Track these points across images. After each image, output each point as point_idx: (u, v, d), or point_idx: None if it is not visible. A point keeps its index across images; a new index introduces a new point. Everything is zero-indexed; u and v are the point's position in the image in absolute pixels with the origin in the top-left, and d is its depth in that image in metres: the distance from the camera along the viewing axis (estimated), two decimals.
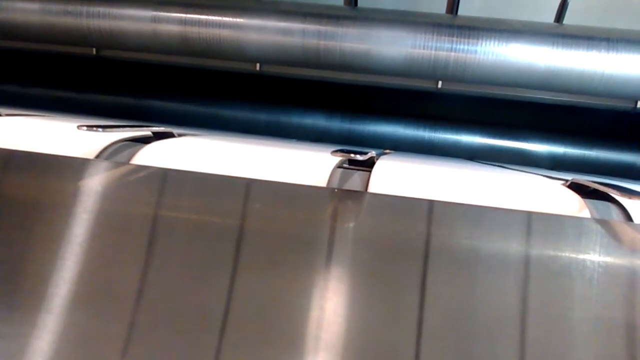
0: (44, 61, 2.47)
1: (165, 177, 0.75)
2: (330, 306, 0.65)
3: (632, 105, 1.71)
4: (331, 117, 2.44)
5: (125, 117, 2.20)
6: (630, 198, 0.69)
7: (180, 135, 0.99)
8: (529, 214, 0.70)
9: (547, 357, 0.63)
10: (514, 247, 0.68)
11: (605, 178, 1.49)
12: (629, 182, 1.42)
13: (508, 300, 0.65)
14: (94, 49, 2.13)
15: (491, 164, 1.62)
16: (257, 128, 2.43)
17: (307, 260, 0.67)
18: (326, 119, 2.44)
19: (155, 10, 1.61)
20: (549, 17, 1.69)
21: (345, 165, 0.83)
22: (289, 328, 0.65)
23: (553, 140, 2.30)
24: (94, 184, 0.73)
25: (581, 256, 0.67)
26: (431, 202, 0.70)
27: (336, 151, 0.77)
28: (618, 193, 0.71)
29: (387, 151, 2.00)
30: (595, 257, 0.66)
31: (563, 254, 0.67)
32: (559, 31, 1.51)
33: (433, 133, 2.38)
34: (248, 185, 0.73)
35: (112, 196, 0.73)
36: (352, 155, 0.74)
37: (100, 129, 0.78)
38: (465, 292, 0.66)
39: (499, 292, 0.66)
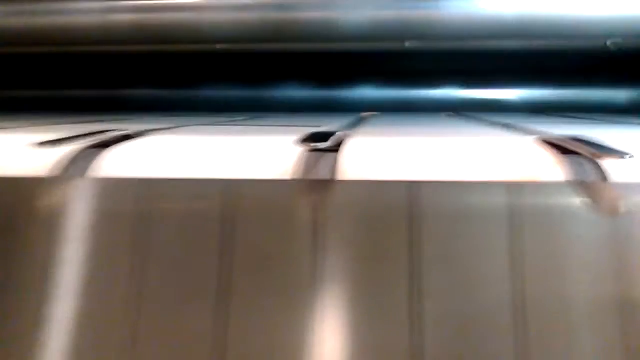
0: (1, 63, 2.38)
1: (129, 186, 0.72)
2: (319, 313, 0.63)
3: (603, 44, 1.69)
4: (303, 86, 2.40)
5: (96, 111, 2.14)
6: (604, 157, 0.67)
7: (139, 134, 0.96)
8: (510, 185, 0.68)
9: (543, 331, 0.63)
10: (496, 221, 0.66)
11: (584, 120, 1.48)
12: (608, 120, 1.41)
13: (501, 286, 0.64)
14: (52, 47, 2.05)
15: (468, 117, 1.60)
16: (230, 106, 2.40)
17: (277, 260, 0.65)
18: (299, 89, 2.40)
19: (105, 0, 1.54)
20: None
21: (314, 148, 0.80)
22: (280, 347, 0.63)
23: (529, 85, 2.29)
24: (51, 203, 0.70)
25: (557, 222, 0.65)
26: (410, 184, 0.68)
27: (300, 141, 0.74)
28: (593, 150, 0.69)
29: (366, 114, 1.97)
30: (572, 221, 0.65)
31: (541, 222, 0.66)
32: None
33: (408, 91, 2.36)
34: (203, 186, 0.70)
35: (70, 214, 0.70)
36: (314, 144, 0.71)
37: (51, 145, 0.74)
38: (458, 282, 0.65)
39: (493, 280, 0.64)
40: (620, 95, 2.16)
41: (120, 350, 0.63)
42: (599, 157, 0.68)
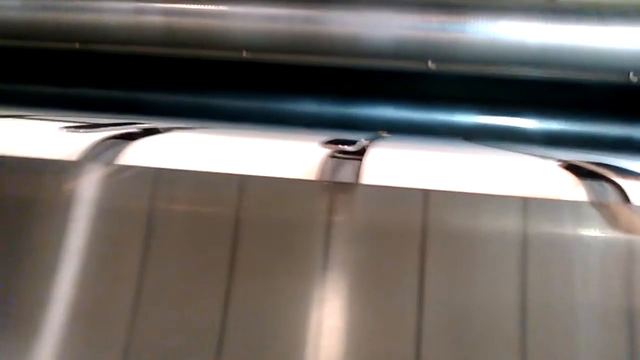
0: (28, 57, 2.42)
1: (152, 176, 0.73)
2: (326, 305, 0.64)
3: (626, 78, 1.69)
4: (323, 101, 2.41)
5: (114, 111, 2.17)
6: (627, 179, 0.67)
7: (166, 130, 0.97)
8: (526, 199, 0.69)
9: (548, 345, 0.62)
10: (511, 233, 0.67)
11: (602, 154, 1.48)
12: (626, 157, 1.41)
13: (507, 286, 0.64)
14: (77, 43, 2.09)
15: (485, 144, 1.60)
16: (248, 116, 2.41)
17: (298, 256, 0.66)
18: (318, 103, 2.42)
19: (137, 1, 1.57)
20: None
21: (336, 155, 0.81)
22: (286, 335, 0.64)
23: (548, 117, 2.28)
24: (78, 186, 0.72)
25: (578, 240, 0.66)
26: (426, 192, 0.69)
27: (326, 142, 0.75)
28: (615, 174, 0.70)
29: (382, 134, 1.98)
30: (592, 240, 0.65)
31: (560, 238, 0.66)
32: (549, 6, 1.49)
33: (427, 114, 2.36)
34: (235, 181, 0.71)
35: (97, 199, 0.71)
36: (342, 146, 0.73)
37: (82, 130, 0.76)
38: (464, 283, 0.65)
39: (500, 285, 0.65)
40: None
41: (132, 320, 0.64)
42: (621, 179, 0.69)
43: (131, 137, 0.85)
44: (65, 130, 0.76)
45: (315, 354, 0.63)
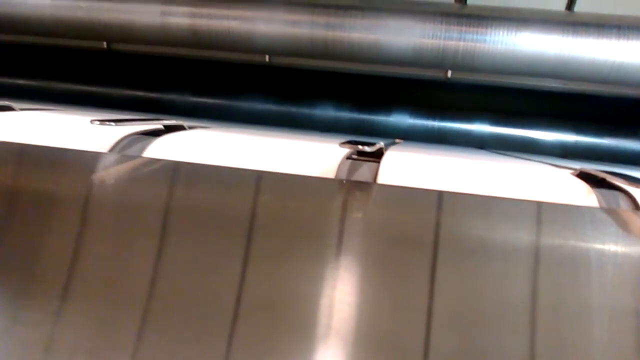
0: (56, 55, 2.49)
1: (176, 170, 0.76)
2: (340, 297, 0.66)
3: None
4: (340, 107, 2.44)
5: (137, 110, 2.22)
6: (638, 187, 0.69)
7: (191, 128, 1.00)
8: (539, 204, 0.70)
9: (558, 347, 0.64)
10: (523, 237, 0.68)
11: (616, 167, 1.48)
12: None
13: (518, 290, 0.66)
14: (105, 43, 2.15)
15: (501, 153, 1.61)
16: (267, 119, 2.44)
17: (316, 251, 0.68)
18: (335, 109, 2.44)
19: (164, 4, 1.61)
20: (560, 5, 1.68)
21: (354, 157, 0.83)
22: (300, 320, 0.66)
23: (564, 129, 2.28)
24: (107, 176, 0.75)
25: (589, 246, 0.67)
26: (440, 193, 0.71)
27: (344, 143, 0.78)
28: (627, 182, 0.71)
29: (397, 140, 2.00)
30: (603, 246, 0.67)
31: (571, 244, 0.67)
32: (569, 19, 1.50)
33: (443, 122, 2.37)
34: (257, 177, 0.74)
35: (125, 189, 0.74)
36: (360, 146, 0.75)
37: (112, 123, 0.79)
38: (475, 282, 0.67)
39: (509, 283, 0.66)
40: None
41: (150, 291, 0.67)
42: (632, 187, 0.70)
43: (158, 132, 0.88)
44: (96, 123, 0.79)
45: (325, 330, 0.65)
